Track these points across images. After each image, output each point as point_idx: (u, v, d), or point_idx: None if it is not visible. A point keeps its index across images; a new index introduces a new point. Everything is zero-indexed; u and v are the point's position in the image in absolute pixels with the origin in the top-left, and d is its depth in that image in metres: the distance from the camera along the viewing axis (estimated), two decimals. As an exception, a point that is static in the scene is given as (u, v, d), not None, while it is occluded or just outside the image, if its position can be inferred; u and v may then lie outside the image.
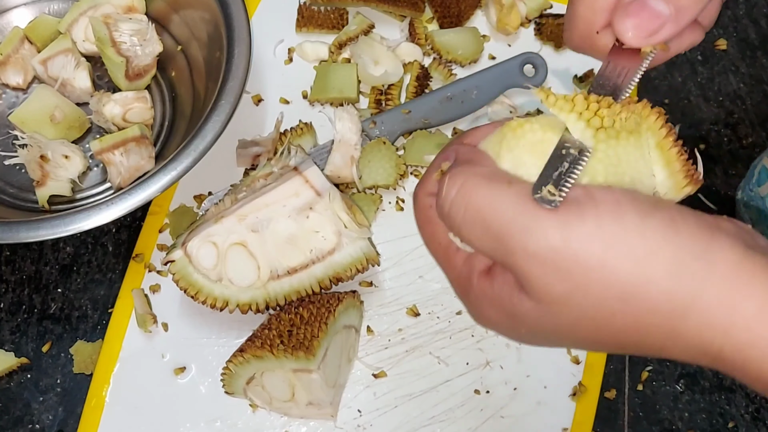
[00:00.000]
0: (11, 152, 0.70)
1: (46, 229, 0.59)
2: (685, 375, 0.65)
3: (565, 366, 0.64)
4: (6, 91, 0.74)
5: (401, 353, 0.64)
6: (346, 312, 0.62)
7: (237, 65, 0.66)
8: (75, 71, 0.72)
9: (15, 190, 0.70)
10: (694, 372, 0.65)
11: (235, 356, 0.60)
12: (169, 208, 0.69)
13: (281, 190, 0.63)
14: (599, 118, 0.37)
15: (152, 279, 0.67)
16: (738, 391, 0.65)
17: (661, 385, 0.65)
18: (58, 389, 0.64)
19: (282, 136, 0.71)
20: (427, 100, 0.72)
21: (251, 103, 0.75)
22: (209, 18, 0.71)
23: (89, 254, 0.68)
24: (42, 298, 0.67)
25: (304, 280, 0.62)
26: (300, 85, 0.75)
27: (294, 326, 0.59)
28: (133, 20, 0.72)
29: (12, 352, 0.64)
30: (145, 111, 0.71)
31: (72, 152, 0.68)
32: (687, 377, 0.65)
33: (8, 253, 0.68)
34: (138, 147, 0.68)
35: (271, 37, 0.78)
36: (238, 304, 0.62)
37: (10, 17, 0.77)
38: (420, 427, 0.62)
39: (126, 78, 0.72)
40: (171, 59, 0.75)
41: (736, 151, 0.74)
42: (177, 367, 0.63)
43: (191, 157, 0.62)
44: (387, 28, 0.78)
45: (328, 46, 0.76)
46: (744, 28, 0.81)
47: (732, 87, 0.78)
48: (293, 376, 0.58)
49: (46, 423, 0.62)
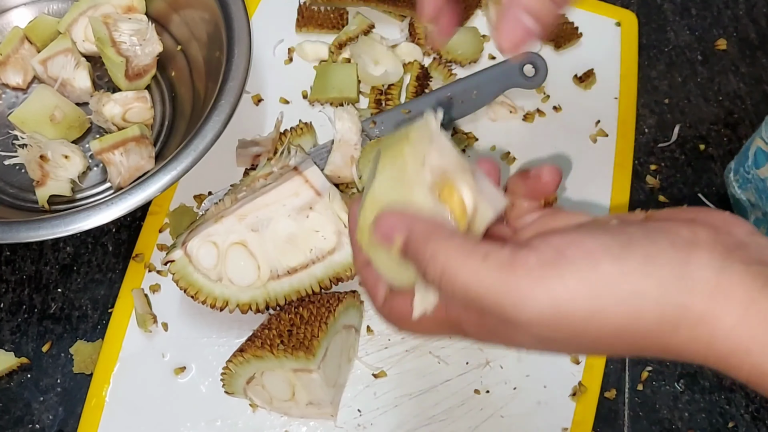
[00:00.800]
0: (11, 152, 0.70)
1: (46, 229, 0.59)
2: (685, 375, 0.65)
3: (565, 366, 0.64)
4: (6, 91, 0.74)
5: (401, 353, 0.64)
6: (346, 312, 0.62)
7: (237, 65, 0.66)
8: (75, 71, 0.72)
9: (15, 190, 0.70)
10: (694, 372, 0.65)
11: (235, 356, 0.60)
12: (169, 208, 0.69)
13: (281, 189, 0.63)
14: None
15: (152, 279, 0.67)
16: (738, 391, 0.65)
17: (661, 384, 0.65)
18: (58, 389, 0.64)
19: (282, 136, 0.71)
20: (427, 100, 0.72)
21: (251, 103, 0.75)
22: (209, 18, 0.71)
23: (89, 254, 0.68)
24: (42, 298, 0.67)
25: (304, 280, 0.62)
26: (300, 85, 0.75)
27: (294, 326, 0.60)
28: (132, 20, 0.72)
29: (12, 352, 0.64)
30: (145, 111, 0.71)
31: (72, 152, 0.68)
32: (687, 377, 0.65)
33: (8, 253, 0.68)
34: (138, 147, 0.68)
35: (271, 37, 0.78)
36: (238, 304, 0.62)
37: (9, 17, 0.77)
38: (420, 426, 0.62)
39: (126, 78, 0.72)
40: (171, 59, 0.75)
41: (736, 150, 0.74)
42: (177, 367, 0.63)
43: (191, 157, 0.62)
44: (387, 28, 0.78)
45: (328, 46, 0.76)
46: (744, 27, 0.81)
47: (732, 87, 0.78)
48: (293, 376, 0.58)
49: (46, 423, 0.62)
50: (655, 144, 0.75)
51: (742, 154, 0.67)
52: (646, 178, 0.73)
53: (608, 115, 0.75)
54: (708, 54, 0.80)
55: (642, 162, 0.74)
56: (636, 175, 0.73)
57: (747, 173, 0.65)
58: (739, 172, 0.67)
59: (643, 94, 0.77)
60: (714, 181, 0.73)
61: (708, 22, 0.82)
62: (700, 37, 0.81)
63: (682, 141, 0.75)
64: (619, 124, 0.75)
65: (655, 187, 0.73)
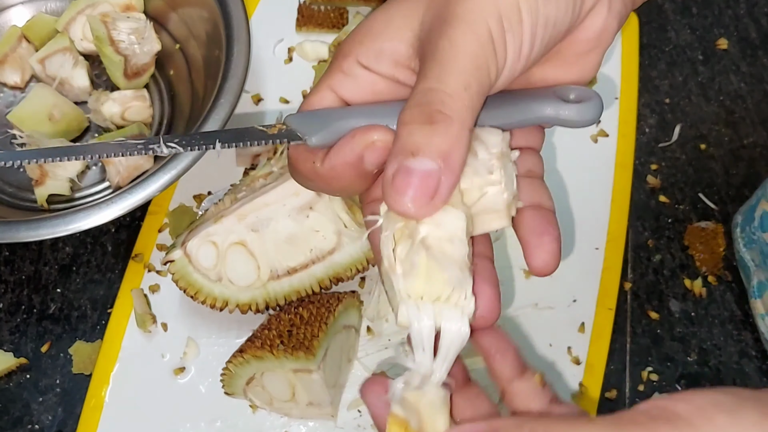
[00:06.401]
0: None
1: (46, 228, 0.59)
2: (685, 375, 0.65)
3: (566, 366, 0.64)
4: (4, 90, 0.74)
5: (401, 353, 0.64)
6: (346, 312, 0.62)
7: (236, 64, 0.66)
8: (73, 70, 0.71)
9: (14, 189, 0.70)
10: (695, 373, 0.65)
11: (234, 356, 0.59)
12: (168, 208, 0.69)
13: (281, 189, 0.63)
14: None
15: (152, 279, 0.66)
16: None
17: (661, 385, 0.65)
18: (57, 389, 0.63)
19: (282, 135, 0.71)
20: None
21: (251, 102, 0.74)
22: (208, 16, 0.70)
23: (88, 254, 0.68)
24: (41, 299, 0.66)
25: (304, 280, 0.62)
26: (300, 85, 0.75)
27: (294, 326, 0.59)
28: (131, 19, 0.72)
29: (11, 353, 0.64)
30: (143, 109, 0.71)
31: (71, 151, 0.68)
32: (687, 377, 0.65)
33: (7, 254, 0.68)
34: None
35: (270, 36, 0.78)
36: (238, 304, 0.61)
37: (7, 16, 0.76)
38: (420, 427, 0.62)
39: (124, 76, 0.71)
40: (169, 58, 0.75)
41: (736, 150, 0.74)
42: (177, 368, 0.63)
43: (191, 156, 0.61)
44: (387, 27, 0.78)
45: (328, 46, 0.76)
46: (745, 27, 0.81)
47: (733, 86, 0.78)
48: (293, 376, 0.58)
49: (45, 423, 0.62)
50: (656, 144, 0.75)
51: (748, 211, 0.66)
52: (646, 178, 0.73)
53: (609, 115, 0.75)
54: (709, 53, 0.80)
55: (643, 162, 0.74)
56: (637, 175, 0.73)
57: (753, 234, 0.64)
58: (745, 230, 0.66)
59: (643, 93, 0.77)
60: (715, 182, 0.73)
61: (709, 22, 0.82)
62: (701, 36, 0.81)
63: (683, 141, 0.75)
64: (620, 124, 0.75)
65: (656, 187, 0.72)
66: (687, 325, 0.67)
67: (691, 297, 0.68)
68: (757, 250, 0.63)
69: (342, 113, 0.40)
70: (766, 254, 0.62)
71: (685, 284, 0.68)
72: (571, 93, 0.41)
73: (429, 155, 0.34)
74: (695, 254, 0.69)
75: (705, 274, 0.69)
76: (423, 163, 0.34)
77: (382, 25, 0.40)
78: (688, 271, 0.69)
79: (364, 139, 0.38)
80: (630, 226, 0.70)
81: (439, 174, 0.35)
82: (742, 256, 0.66)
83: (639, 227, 0.71)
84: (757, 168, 0.73)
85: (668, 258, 0.69)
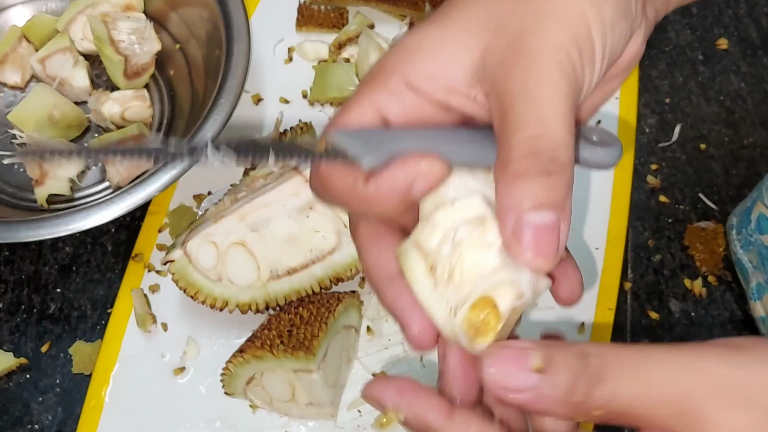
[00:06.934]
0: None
1: (46, 228, 0.59)
2: (685, 375, 0.65)
3: (566, 366, 0.64)
4: (4, 90, 0.74)
5: (401, 353, 0.64)
6: (346, 312, 0.62)
7: (236, 64, 0.66)
8: (73, 70, 0.71)
9: (14, 189, 0.70)
10: (695, 372, 0.65)
11: (234, 356, 0.59)
12: (168, 208, 0.69)
13: (281, 189, 0.63)
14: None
15: (151, 279, 0.66)
16: (739, 391, 0.65)
17: (661, 385, 0.65)
18: (57, 389, 0.63)
19: (282, 135, 0.71)
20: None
21: (251, 102, 0.74)
22: (208, 16, 0.70)
23: (88, 254, 0.68)
24: (41, 298, 0.66)
25: (304, 280, 0.62)
26: (300, 85, 0.75)
27: (294, 326, 0.59)
28: (131, 19, 0.72)
29: (11, 353, 0.64)
30: (143, 109, 0.71)
31: (71, 151, 0.68)
32: (688, 377, 0.65)
33: (7, 253, 0.68)
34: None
35: (270, 36, 0.78)
36: (238, 304, 0.61)
37: (7, 16, 0.76)
38: (420, 427, 0.62)
39: (124, 76, 0.71)
40: (169, 58, 0.75)
41: (737, 150, 0.74)
42: (176, 367, 0.63)
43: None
44: (387, 28, 0.78)
45: (328, 46, 0.76)
46: (745, 27, 0.81)
47: (733, 86, 0.78)
48: (293, 376, 0.58)
49: (45, 423, 0.62)
50: (656, 144, 0.75)
51: (743, 213, 0.66)
52: (646, 178, 0.73)
53: (609, 115, 0.75)
54: (709, 53, 0.80)
55: (643, 162, 0.74)
56: (637, 175, 0.73)
57: (750, 236, 0.64)
58: (741, 233, 0.66)
59: (643, 93, 0.77)
60: (715, 182, 0.73)
61: (709, 22, 0.82)
62: (701, 36, 0.81)
63: (683, 141, 0.75)
64: (620, 124, 0.75)
65: (656, 187, 0.72)
66: (687, 325, 0.67)
67: (691, 297, 0.68)
68: (754, 252, 0.63)
69: (394, 136, 0.37)
70: (764, 256, 0.62)
71: (685, 284, 0.68)
72: (593, 134, 0.39)
73: (551, 208, 0.34)
74: (695, 254, 0.69)
75: (705, 274, 0.69)
76: (546, 217, 0.34)
77: (437, 47, 0.37)
78: (688, 271, 0.69)
79: (418, 167, 0.36)
80: (630, 226, 0.70)
81: (560, 224, 0.34)
82: (740, 258, 0.66)
83: (639, 227, 0.71)
84: (757, 168, 0.73)
85: (668, 258, 0.69)
